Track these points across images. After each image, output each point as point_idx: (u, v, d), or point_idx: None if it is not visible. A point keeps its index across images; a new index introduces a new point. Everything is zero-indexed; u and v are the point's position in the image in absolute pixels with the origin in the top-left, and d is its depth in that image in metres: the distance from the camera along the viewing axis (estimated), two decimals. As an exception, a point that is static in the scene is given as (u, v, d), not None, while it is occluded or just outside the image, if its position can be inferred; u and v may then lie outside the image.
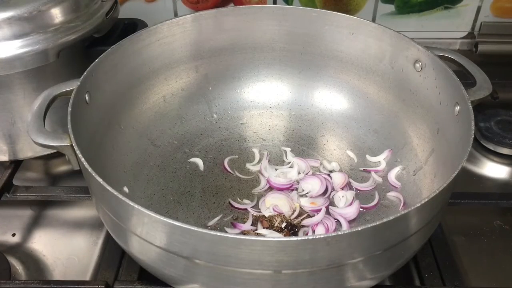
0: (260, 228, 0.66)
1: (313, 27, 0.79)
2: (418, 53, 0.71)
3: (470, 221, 0.72)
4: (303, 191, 0.71)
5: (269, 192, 0.71)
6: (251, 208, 0.69)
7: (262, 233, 0.65)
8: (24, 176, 0.79)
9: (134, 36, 0.72)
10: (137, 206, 0.47)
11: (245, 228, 0.66)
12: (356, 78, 0.80)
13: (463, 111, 0.62)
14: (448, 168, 0.60)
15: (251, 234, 0.65)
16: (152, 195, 0.71)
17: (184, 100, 0.81)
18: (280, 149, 0.79)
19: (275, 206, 0.68)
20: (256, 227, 0.66)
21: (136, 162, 0.73)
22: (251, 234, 0.65)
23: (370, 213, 0.69)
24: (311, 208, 0.68)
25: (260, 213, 0.68)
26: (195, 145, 0.79)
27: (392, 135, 0.77)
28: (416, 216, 0.50)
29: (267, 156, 0.77)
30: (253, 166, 0.76)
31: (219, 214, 0.69)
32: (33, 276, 0.66)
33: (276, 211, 0.67)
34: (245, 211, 0.69)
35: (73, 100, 0.60)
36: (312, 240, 0.45)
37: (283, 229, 0.65)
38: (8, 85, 0.69)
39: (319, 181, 0.72)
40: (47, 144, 0.57)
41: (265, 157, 0.76)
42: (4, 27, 0.65)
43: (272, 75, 0.84)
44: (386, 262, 0.54)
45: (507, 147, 0.82)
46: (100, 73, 0.67)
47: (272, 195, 0.70)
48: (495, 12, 1.02)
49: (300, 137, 0.81)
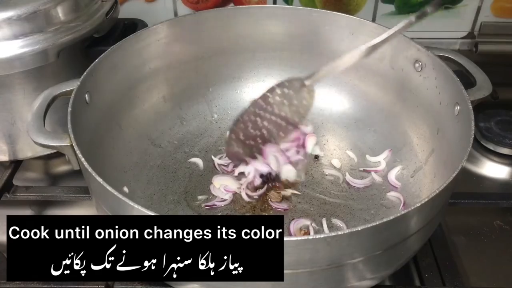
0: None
1: (313, 27, 0.79)
2: (418, 53, 0.71)
3: (470, 221, 0.72)
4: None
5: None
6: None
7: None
8: (24, 176, 0.79)
9: (134, 36, 0.72)
10: (137, 206, 0.47)
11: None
12: (356, 78, 0.80)
13: (463, 111, 0.62)
14: (448, 168, 0.60)
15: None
16: (152, 195, 0.71)
17: (184, 100, 0.82)
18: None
19: (225, 186, 0.71)
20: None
21: (136, 162, 0.73)
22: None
23: (369, 213, 0.69)
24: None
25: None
26: (195, 145, 0.79)
27: (392, 135, 0.77)
28: (416, 216, 0.50)
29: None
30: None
31: (219, 213, 0.69)
32: (33, 276, 0.65)
33: (227, 191, 0.71)
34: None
35: (73, 100, 0.60)
36: (312, 240, 0.45)
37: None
38: (8, 85, 0.69)
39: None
40: (47, 144, 0.57)
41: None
42: (4, 27, 0.65)
43: (272, 75, 0.84)
44: (386, 262, 0.54)
45: (507, 147, 0.82)
46: (100, 73, 0.67)
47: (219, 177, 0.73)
48: (495, 12, 1.02)
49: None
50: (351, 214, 0.68)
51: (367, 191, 0.72)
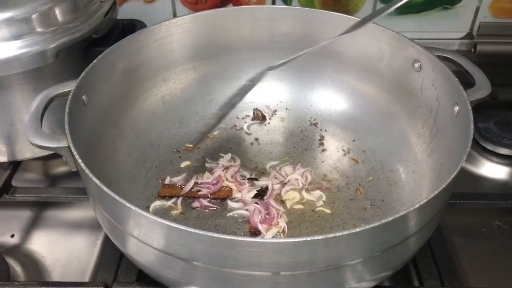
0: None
1: (312, 27, 0.79)
2: (417, 53, 0.71)
3: (469, 221, 0.72)
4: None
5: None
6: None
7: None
8: (23, 177, 0.79)
9: (133, 37, 0.72)
10: (134, 208, 0.47)
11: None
12: (355, 78, 0.80)
13: (462, 112, 0.61)
14: (447, 169, 0.60)
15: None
16: (150, 196, 0.71)
17: (183, 101, 0.81)
18: (279, 150, 0.79)
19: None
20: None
21: (134, 163, 0.73)
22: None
23: (369, 213, 0.69)
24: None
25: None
26: (194, 146, 0.79)
27: (391, 135, 0.77)
28: (416, 217, 0.50)
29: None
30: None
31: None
32: (32, 277, 0.65)
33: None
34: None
35: (70, 101, 0.60)
36: (310, 242, 0.45)
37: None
38: (6, 86, 0.69)
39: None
40: (44, 145, 0.57)
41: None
42: (2, 27, 0.65)
43: (271, 76, 0.84)
44: (385, 264, 0.54)
45: (506, 148, 0.82)
46: (98, 74, 0.67)
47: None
48: (493, 13, 1.02)
49: (299, 137, 0.81)
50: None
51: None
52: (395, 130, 0.76)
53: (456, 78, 0.64)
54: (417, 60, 0.71)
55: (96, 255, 0.68)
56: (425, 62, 0.70)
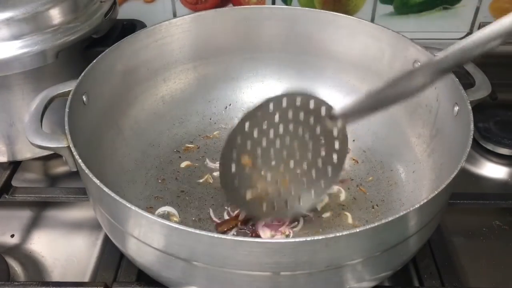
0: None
1: (312, 27, 0.79)
2: (417, 53, 0.71)
3: (469, 221, 0.72)
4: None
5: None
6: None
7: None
8: (23, 177, 0.79)
9: (133, 37, 0.72)
10: (134, 208, 0.47)
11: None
12: (355, 78, 0.80)
13: (462, 112, 0.61)
14: (447, 169, 0.60)
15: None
16: (150, 196, 0.71)
17: (183, 101, 0.81)
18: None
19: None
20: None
21: (134, 163, 0.73)
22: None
23: (369, 213, 0.69)
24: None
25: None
26: (194, 146, 0.79)
27: (391, 136, 0.77)
28: (416, 217, 0.50)
29: None
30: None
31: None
32: (32, 277, 0.65)
33: None
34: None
35: (70, 101, 0.60)
36: (310, 242, 0.45)
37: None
38: (6, 86, 0.69)
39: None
40: (44, 145, 0.57)
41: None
42: (2, 28, 0.65)
43: (270, 76, 0.84)
44: (385, 264, 0.54)
45: (506, 148, 0.82)
46: (98, 74, 0.67)
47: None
48: (493, 13, 1.02)
49: (299, 137, 0.81)
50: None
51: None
52: (395, 130, 0.76)
53: (456, 78, 0.64)
54: (417, 60, 0.71)
55: (96, 255, 0.68)
56: (425, 62, 0.70)
